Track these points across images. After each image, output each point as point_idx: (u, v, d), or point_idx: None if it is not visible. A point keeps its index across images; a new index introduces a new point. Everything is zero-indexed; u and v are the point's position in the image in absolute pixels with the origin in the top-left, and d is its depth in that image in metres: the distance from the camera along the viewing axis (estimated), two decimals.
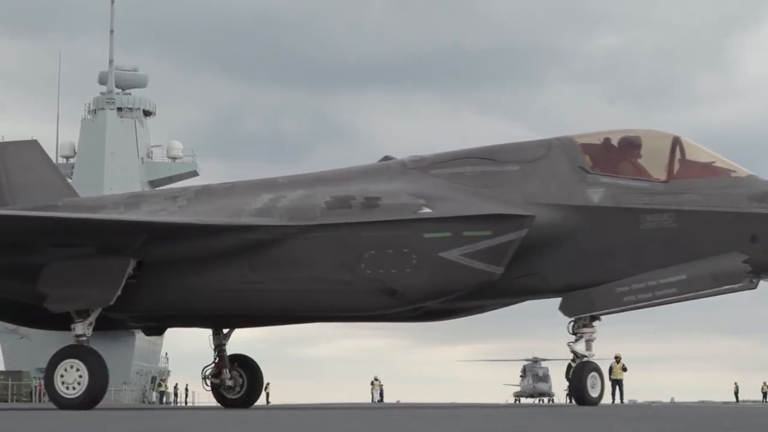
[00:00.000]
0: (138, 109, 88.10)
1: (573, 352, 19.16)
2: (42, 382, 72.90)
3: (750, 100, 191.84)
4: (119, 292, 18.85)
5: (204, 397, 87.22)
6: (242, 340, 23.71)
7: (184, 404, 77.68)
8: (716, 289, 18.41)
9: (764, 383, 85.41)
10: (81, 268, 19.05)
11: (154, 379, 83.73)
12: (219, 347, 23.06)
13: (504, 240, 18.02)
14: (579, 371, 19.00)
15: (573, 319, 19.01)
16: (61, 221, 19.18)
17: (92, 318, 19.49)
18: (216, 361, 23.08)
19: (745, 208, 18.15)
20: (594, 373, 18.94)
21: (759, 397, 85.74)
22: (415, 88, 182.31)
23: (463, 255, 17.99)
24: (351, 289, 18.34)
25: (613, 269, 18.41)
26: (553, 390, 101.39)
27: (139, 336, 78.52)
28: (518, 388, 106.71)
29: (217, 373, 23.05)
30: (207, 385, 23.21)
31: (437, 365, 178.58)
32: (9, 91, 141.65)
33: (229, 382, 23.06)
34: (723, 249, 18.15)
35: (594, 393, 18.92)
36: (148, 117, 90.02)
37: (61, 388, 19.00)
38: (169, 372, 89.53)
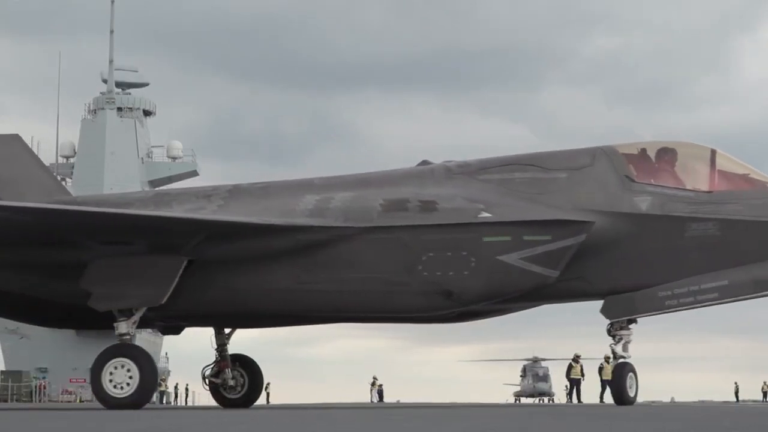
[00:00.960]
0: (138, 109, 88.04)
1: (614, 353, 19.96)
2: (42, 381, 73.17)
3: (748, 101, 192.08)
4: (170, 292, 18.71)
5: (204, 397, 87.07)
6: (242, 340, 23.68)
7: (184, 404, 77.65)
8: (756, 294, 19.15)
9: (764, 383, 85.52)
10: (130, 266, 18.81)
11: None
12: (221, 347, 23.09)
13: (562, 245, 18.66)
14: (620, 372, 19.88)
15: (611, 321, 19.73)
16: (125, 217, 18.76)
17: (137, 317, 19.17)
18: (218, 360, 23.10)
19: None
20: (631, 374, 19.82)
21: (759, 396, 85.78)
22: (415, 89, 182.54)
23: (522, 258, 18.55)
24: (407, 290, 18.75)
25: (656, 274, 19.11)
26: (553, 390, 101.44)
27: (139, 336, 78.37)
28: (518, 388, 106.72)
29: (218, 372, 23.08)
30: (207, 384, 23.22)
31: (437, 365, 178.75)
32: (9, 91, 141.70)
33: (231, 382, 23.10)
34: (763, 257, 18.99)
35: (631, 393, 19.84)
36: (148, 117, 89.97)
37: (109, 388, 18.73)
38: (169, 372, 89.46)
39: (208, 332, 23.14)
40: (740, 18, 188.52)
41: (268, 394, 72.82)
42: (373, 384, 76.10)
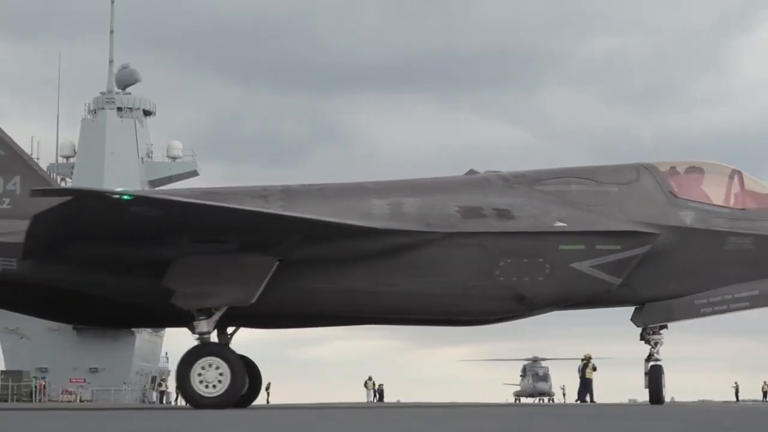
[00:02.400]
0: (138, 108, 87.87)
1: (651, 355, 21.18)
2: (42, 381, 73.15)
3: (746, 102, 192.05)
4: (260, 292, 18.65)
5: None
6: (243, 341, 23.60)
7: (184, 404, 77.56)
8: None
9: (764, 383, 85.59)
10: (219, 264, 18.67)
11: (154, 379, 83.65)
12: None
13: (630, 254, 19.92)
14: (657, 374, 21.18)
15: (646, 326, 21.09)
16: (238, 213, 18.25)
17: (217, 316, 19.05)
18: None
19: None
20: (663, 375, 21.28)
21: (759, 396, 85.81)
22: (413, 91, 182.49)
23: (592, 266, 19.72)
24: (483, 294, 19.63)
25: (695, 284, 20.57)
26: (554, 389, 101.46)
27: (140, 336, 78.48)
28: (518, 388, 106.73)
29: None
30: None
31: (437, 365, 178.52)
32: (9, 91, 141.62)
33: None
34: None
35: (664, 393, 21.46)
36: (148, 117, 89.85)
37: (199, 387, 18.65)
38: (169, 372, 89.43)
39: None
40: (738, 19, 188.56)
41: (268, 395, 72.81)
42: (366, 384, 75.88)
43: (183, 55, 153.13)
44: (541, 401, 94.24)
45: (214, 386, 18.66)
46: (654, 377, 21.17)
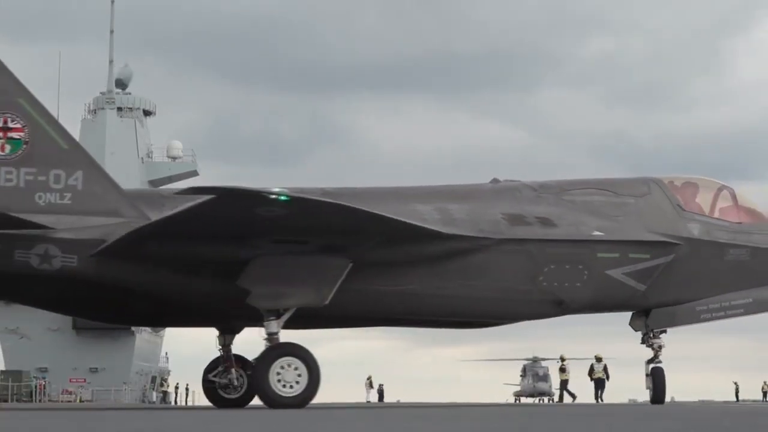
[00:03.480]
0: (138, 108, 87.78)
1: (654, 357, 22.37)
2: (41, 381, 73.12)
3: (745, 102, 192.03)
4: (333, 294, 18.74)
5: (204, 397, 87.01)
6: (242, 341, 23.58)
7: (184, 404, 77.60)
8: None
9: (764, 383, 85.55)
10: (296, 265, 18.70)
11: (154, 379, 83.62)
12: (225, 347, 23.06)
13: (656, 263, 21.22)
14: (661, 375, 22.46)
15: (645, 331, 22.30)
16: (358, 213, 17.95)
17: (286, 316, 19.03)
18: (224, 360, 22.85)
19: None
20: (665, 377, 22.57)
21: (759, 396, 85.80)
22: (412, 92, 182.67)
23: (624, 273, 20.91)
24: (527, 298, 20.54)
25: (697, 291, 21.94)
26: (554, 389, 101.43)
27: (140, 336, 78.46)
28: (518, 388, 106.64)
29: (223, 372, 22.99)
30: (212, 383, 22.94)
31: (437, 365, 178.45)
32: None
33: (236, 382, 23.09)
34: None
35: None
36: (148, 117, 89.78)
37: (278, 387, 18.64)
38: (169, 372, 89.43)
39: (207, 332, 23.08)
40: (735, 19, 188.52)
41: None
42: (368, 382, 75.64)
43: (183, 55, 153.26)
44: (541, 401, 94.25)
45: (291, 386, 18.70)
46: (658, 379, 22.39)
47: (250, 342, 24.18)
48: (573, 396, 51.47)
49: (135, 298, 19.78)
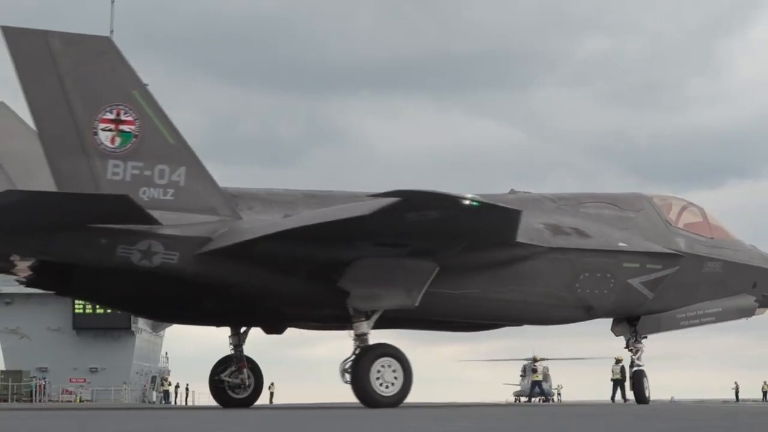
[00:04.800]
0: None
1: (633, 362, 24.44)
2: (41, 381, 73.10)
3: (741, 101, 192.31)
4: (421, 296, 19.22)
5: (204, 396, 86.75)
6: (247, 341, 23.63)
7: (184, 404, 77.59)
8: (737, 318, 25.05)
9: (764, 382, 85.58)
10: (392, 268, 19.09)
11: (154, 378, 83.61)
12: (238, 347, 23.20)
13: (665, 273, 22.81)
14: (639, 378, 24.52)
15: (629, 336, 24.17)
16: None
17: (375, 317, 19.35)
18: (237, 360, 23.08)
19: (755, 263, 24.74)
20: (646, 379, 24.53)
21: (759, 395, 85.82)
22: (408, 92, 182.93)
23: (641, 282, 22.45)
24: (563, 303, 21.81)
25: (681, 299, 23.65)
26: (553, 389, 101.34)
27: (139, 336, 78.46)
28: (518, 388, 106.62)
29: (234, 372, 23.12)
30: (222, 383, 23.10)
31: (437, 365, 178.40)
32: (9, 92, 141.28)
33: (248, 382, 23.28)
34: (740, 290, 24.54)
35: (647, 393, 24.54)
36: None
37: (378, 387, 18.90)
38: (169, 371, 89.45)
39: (207, 332, 23.13)
40: (731, 19, 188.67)
41: (271, 395, 72.84)
42: None
43: (181, 56, 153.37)
44: (541, 401, 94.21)
45: (387, 387, 19.00)
46: (636, 381, 24.63)
47: (258, 342, 24.30)
48: (546, 398, 51.49)
49: (218, 296, 19.94)
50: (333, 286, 18.88)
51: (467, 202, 16.80)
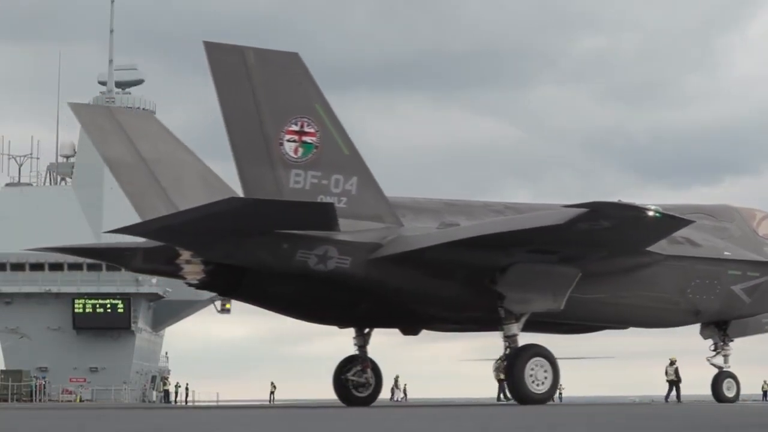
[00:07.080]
0: (138, 108, 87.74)
1: (712, 364, 25.35)
2: (41, 381, 73.06)
3: (737, 98, 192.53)
4: (565, 300, 20.52)
5: (204, 396, 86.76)
6: (248, 341, 23.60)
7: (184, 403, 77.56)
8: None
9: (765, 382, 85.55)
10: (542, 273, 20.35)
11: (154, 378, 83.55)
12: (362, 348, 23.64)
13: (762, 280, 24.18)
14: (717, 378, 25.35)
15: (718, 340, 25.21)
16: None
17: (524, 320, 20.63)
18: (362, 360, 23.56)
19: None
20: (729, 379, 25.41)
21: (759, 395, 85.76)
22: (406, 90, 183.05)
23: (742, 289, 23.88)
24: (676, 308, 23.18)
25: (760, 306, 24.76)
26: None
27: (139, 336, 78.42)
28: None
29: (360, 372, 23.58)
30: (347, 382, 23.47)
31: (437, 363, 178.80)
32: (9, 91, 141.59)
33: (371, 381, 23.82)
34: None
35: (729, 394, 25.37)
36: None
37: (531, 385, 20.27)
38: (169, 371, 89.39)
39: (206, 332, 23.21)
40: (728, 16, 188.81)
41: (272, 393, 72.72)
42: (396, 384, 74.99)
43: (182, 54, 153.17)
44: None
45: (539, 384, 20.34)
46: (715, 380, 25.30)
47: (261, 340, 24.20)
48: (507, 399, 51.03)
49: (375, 299, 20.65)
50: (486, 290, 20.20)
51: (651, 213, 18.50)
